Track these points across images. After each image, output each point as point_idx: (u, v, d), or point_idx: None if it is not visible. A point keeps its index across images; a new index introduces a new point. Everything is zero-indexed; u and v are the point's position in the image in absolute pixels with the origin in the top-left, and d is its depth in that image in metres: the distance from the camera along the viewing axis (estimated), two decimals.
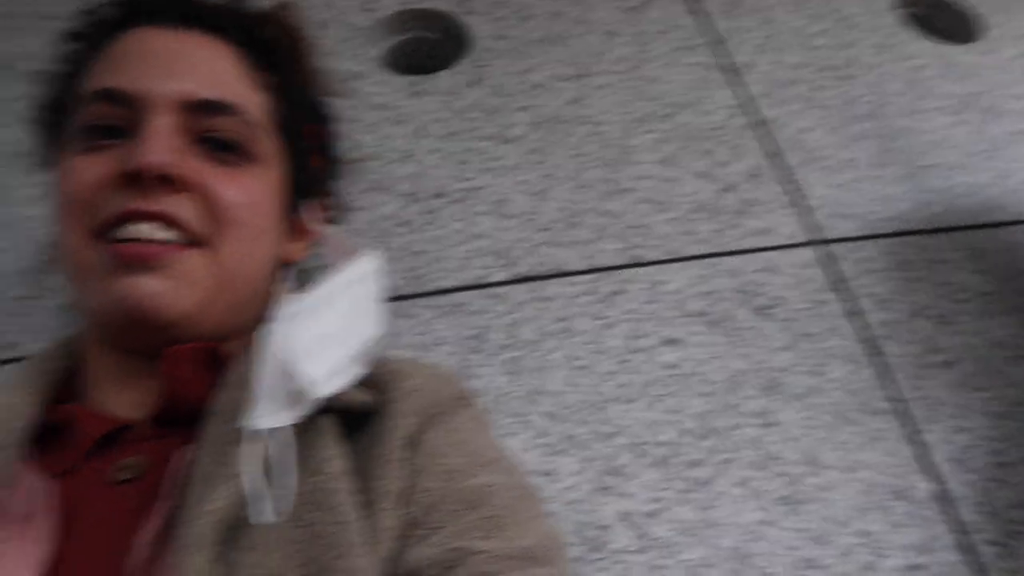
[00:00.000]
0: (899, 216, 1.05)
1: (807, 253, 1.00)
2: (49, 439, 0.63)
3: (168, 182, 0.62)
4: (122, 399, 0.65)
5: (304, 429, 0.59)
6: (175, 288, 0.62)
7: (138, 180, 0.62)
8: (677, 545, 0.77)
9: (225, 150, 0.66)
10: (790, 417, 0.86)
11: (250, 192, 0.67)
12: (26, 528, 0.55)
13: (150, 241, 0.62)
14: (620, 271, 0.97)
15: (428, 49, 1.27)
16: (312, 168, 0.80)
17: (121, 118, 0.65)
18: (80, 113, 0.67)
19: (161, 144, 0.62)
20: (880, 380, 0.90)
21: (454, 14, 1.23)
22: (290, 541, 0.53)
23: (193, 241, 0.63)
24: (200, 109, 0.66)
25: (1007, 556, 0.79)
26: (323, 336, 0.63)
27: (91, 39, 0.74)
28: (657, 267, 0.97)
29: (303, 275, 0.81)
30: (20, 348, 0.90)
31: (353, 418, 0.62)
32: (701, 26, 1.25)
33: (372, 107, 1.11)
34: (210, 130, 0.66)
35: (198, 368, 0.64)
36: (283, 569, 0.52)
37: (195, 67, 0.68)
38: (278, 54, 0.75)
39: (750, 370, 0.90)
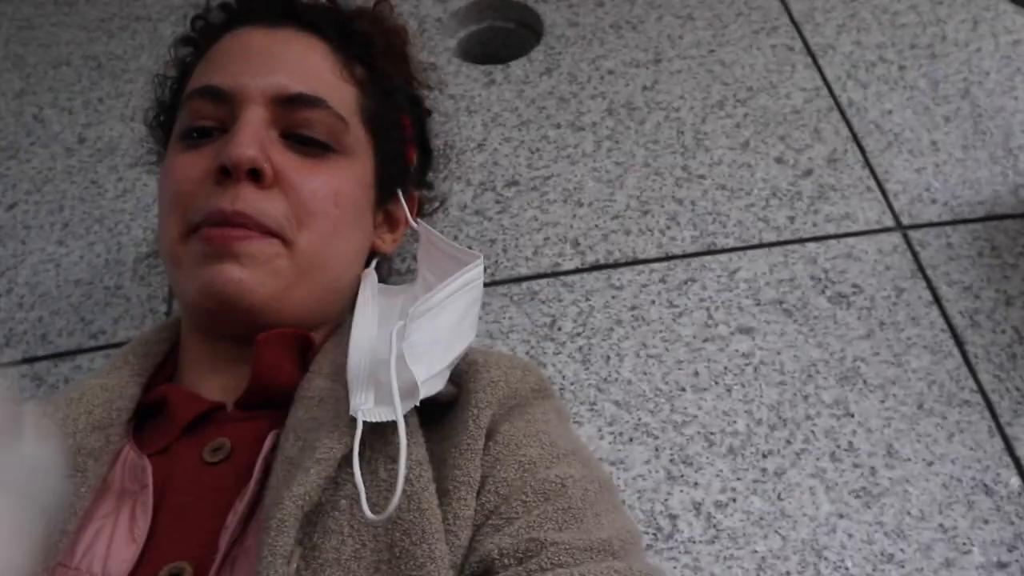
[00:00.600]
0: (988, 200, 1.01)
1: (888, 239, 0.97)
2: (147, 418, 0.67)
3: (256, 176, 0.66)
4: (214, 383, 0.68)
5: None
6: (255, 276, 0.65)
7: (228, 174, 0.65)
8: (748, 536, 0.77)
9: (313, 143, 0.70)
10: (867, 408, 0.84)
11: (334, 184, 0.70)
12: (130, 503, 0.59)
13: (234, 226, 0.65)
14: (694, 259, 0.96)
15: (503, 38, 1.28)
16: (404, 159, 0.82)
17: (219, 114, 0.69)
18: (183, 112, 0.72)
19: (249, 137, 0.66)
20: (964, 370, 0.87)
21: (527, 2, 1.24)
22: (369, 526, 0.54)
23: (273, 234, 0.66)
24: (290, 103, 0.69)
25: None
26: (436, 340, 0.65)
27: (198, 42, 0.79)
28: (731, 254, 0.96)
29: (383, 264, 0.84)
30: (108, 336, 0.95)
31: (431, 408, 0.63)
32: (780, 7, 1.22)
33: (447, 97, 1.13)
34: (300, 123, 0.69)
35: (287, 353, 0.67)
36: (362, 553, 0.53)
37: (286, 62, 0.71)
38: (370, 48, 0.78)
39: (826, 359, 0.88)
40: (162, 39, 1.23)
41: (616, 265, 0.96)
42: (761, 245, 0.97)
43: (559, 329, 0.91)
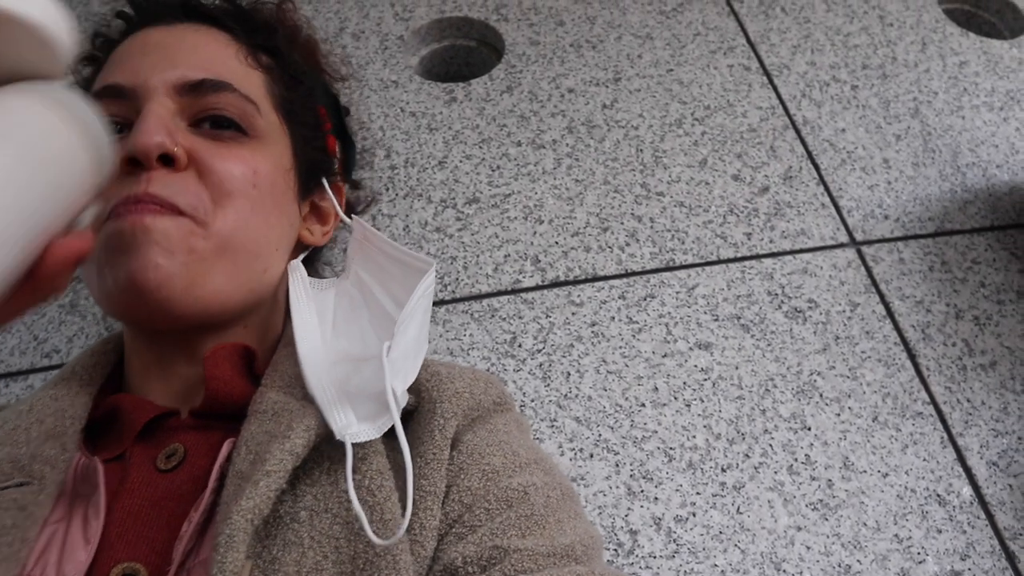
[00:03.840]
0: (938, 216, 1.03)
1: (842, 255, 0.99)
2: (100, 428, 0.65)
3: (167, 162, 0.64)
4: (164, 389, 0.67)
5: None
6: (172, 263, 0.62)
7: (139, 164, 0.63)
8: (708, 550, 0.77)
9: (224, 127, 0.68)
10: (824, 421, 0.86)
11: (251, 163, 0.68)
12: (82, 506, 0.58)
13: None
14: (652, 275, 0.97)
15: (464, 57, 1.29)
16: (324, 148, 0.80)
17: (124, 112, 0.67)
18: None
19: (154, 124, 0.63)
20: (917, 383, 0.89)
21: (489, 21, 1.24)
22: (331, 538, 0.54)
23: (186, 215, 0.64)
24: (195, 90, 0.67)
25: None
26: (407, 354, 0.64)
27: (99, 58, 0.77)
28: (690, 271, 0.97)
29: (316, 257, 0.82)
30: (62, 355, 0.94)
31: None
32: (737, 28, 1.25)
33: (408, 114, 1.13)
34: (208, 108, 0.67)
35: (236, 370, 0.66)
36: (323, 565, 0.52)
37: (189, 53, 0.70)
38: (274, 36, 0.77)
39: (783, 373, 0.89)
40: None
41: (576, 282, 0.97)
42: (719, 261, 0.98)
43: (519, 346, 0.91)
